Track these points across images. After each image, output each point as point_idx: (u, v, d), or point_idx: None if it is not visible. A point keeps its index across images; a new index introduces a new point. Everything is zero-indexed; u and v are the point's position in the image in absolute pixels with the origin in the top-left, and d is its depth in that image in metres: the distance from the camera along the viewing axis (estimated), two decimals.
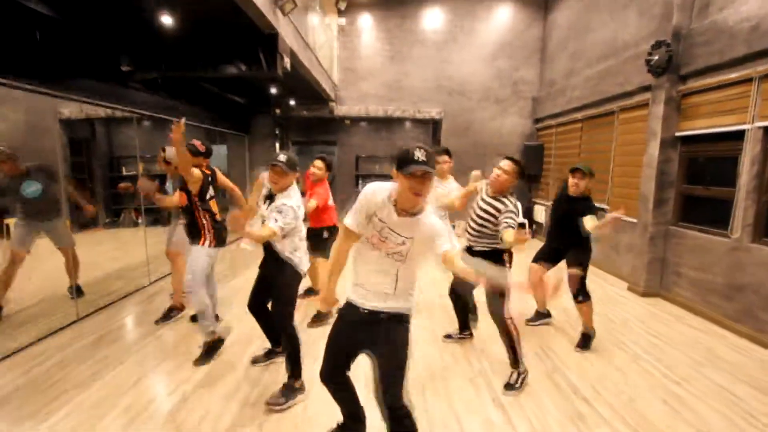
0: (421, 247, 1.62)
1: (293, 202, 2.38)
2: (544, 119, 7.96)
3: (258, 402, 2.40)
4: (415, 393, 2.53)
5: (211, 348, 2.92)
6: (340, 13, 8.13)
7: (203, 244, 2.90)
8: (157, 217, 8.18)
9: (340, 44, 8.37)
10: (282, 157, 2.35)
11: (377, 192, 1.65)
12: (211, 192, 3.03)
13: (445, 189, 3.53)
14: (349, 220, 1.70)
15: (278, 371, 2.74)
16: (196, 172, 2.83)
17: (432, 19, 8.26)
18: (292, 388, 2.41)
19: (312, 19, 6.19)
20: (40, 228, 3.67)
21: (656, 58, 4.33)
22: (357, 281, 1.73)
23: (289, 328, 2.42)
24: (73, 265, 3.85)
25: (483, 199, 2.73)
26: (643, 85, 4.79)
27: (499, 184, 2.65)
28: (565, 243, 3.25)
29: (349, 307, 1.75)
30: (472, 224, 2.74)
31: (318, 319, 3.59)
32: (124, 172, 7.83)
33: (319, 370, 1.83)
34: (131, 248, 6.10)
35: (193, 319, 3.52)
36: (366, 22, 8.32)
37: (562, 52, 7.40)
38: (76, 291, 3.89)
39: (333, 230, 3.78)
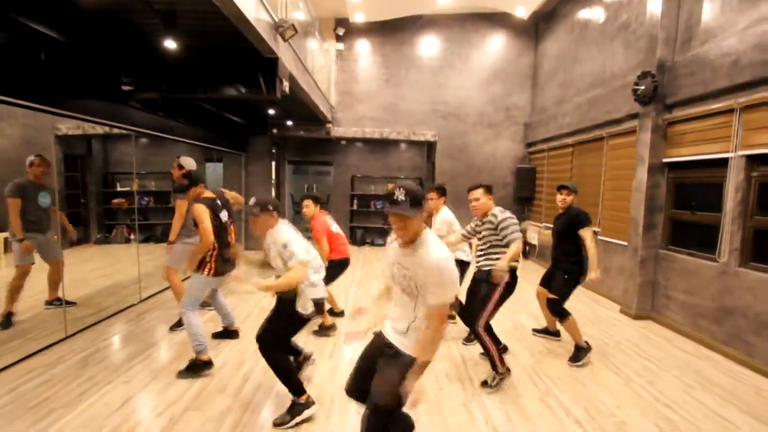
0: (425, 283, 1.64)
1: (286, 235, 2.35)
2: (536, 143, 8.15)
3: (248, 425, 2.36)
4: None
5: (196, 366, 2.90)
6: (338, 38, 8.38)
7: (203, 272, 2.94)
8: (150, 234, 8.16)
9: (338, 68, 8.59)
10: (251, 201, 2.36)
11: (393, 238, 1.85)
12: (224, 216, 3.05)
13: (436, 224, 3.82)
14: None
15: (269, 393, 2.72)
16: (196, 208, 2.84)
17: (428, 46, 8.53)
18: (296, 405, 2.40)
19: (311, 43, 6.38)
20: (35, 241, 3.70)
21: (642, 87, 4.51)
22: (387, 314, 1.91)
23: (272, 358, 2.38)
24: (59, 279, 3.85)
25: (477, 230, 3.15)
26: (630, 113, 4.96)
27: (480, 211, 3.02)
28: (559, 257, 3.48)
29: (380, 333, 1.92)
30: (480, 246, 3.09)
31: (322, 330, 3.70)
32: (119, 188, 7.83)
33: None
34: (123, 265, 6.05)
35: (172, 328, 3.75)
36: (363, 47, 8.57)
37: (552, 81, 7.65)
38: (60, 301, 3.85)
39: (345, 263, 3.88)
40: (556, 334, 3.85)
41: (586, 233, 3.28)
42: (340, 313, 4.23)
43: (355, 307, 1.97)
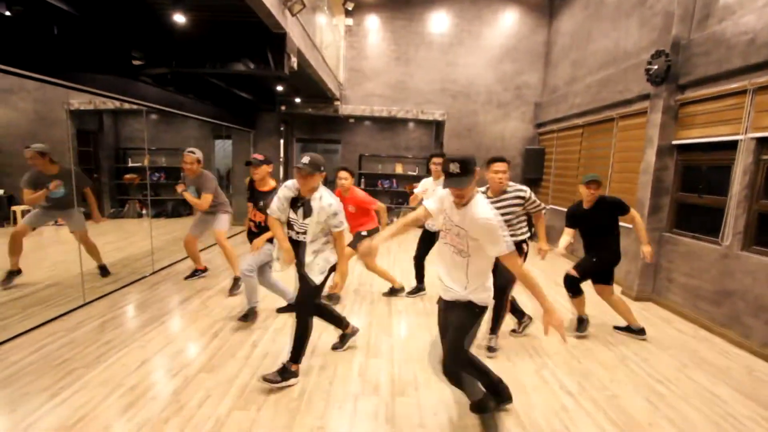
0: (477, 242, 1.87)
1: (335, 202, 2.47)
2: (546, 124, 8.05)
3: (256, 388, 2.51)
4: (407, 383, 2.64)
5: (246, 315, 3.44)
6: (347, 13, 8.24)
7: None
8: (161, 210, 8.34)
9: (347, 44, 8.48)
10: (305, 159, 2.38)
11: (442, 195, 2.03)
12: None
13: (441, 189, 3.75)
14: (430, 204, 2.09)
15: (276, 360, 2.86)
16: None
17: (438, 22, 8.36)
18: (288, 371, 2.52)
19: (319, 19, 6.30)
20: (57, 215, 4.00)
21: (656, 67, 4.42)
22: (440, 277, 2.08)
23: (308, 317, 2.58)
24: (92, 248, 4.24)
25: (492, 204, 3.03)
26: (642, 94, 4.88)
27: (502, 185, 3.00)
28: (602, 250, 3.45)
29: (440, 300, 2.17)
30: None
31: (330, 299, 3.95)
32: (131, 164, 7.96)
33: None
34: (135, 239, 6.23)
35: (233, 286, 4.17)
36: (373, 23, 8.43)
37: (565, 59, 7.49)
38: (103, 270, 4.36)
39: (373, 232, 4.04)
40: (640, 332, 3.55)
41: (634, 213, 3.39)
42: (401, 289, 4.39)
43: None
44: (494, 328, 3.17)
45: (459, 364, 2.04)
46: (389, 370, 2.80)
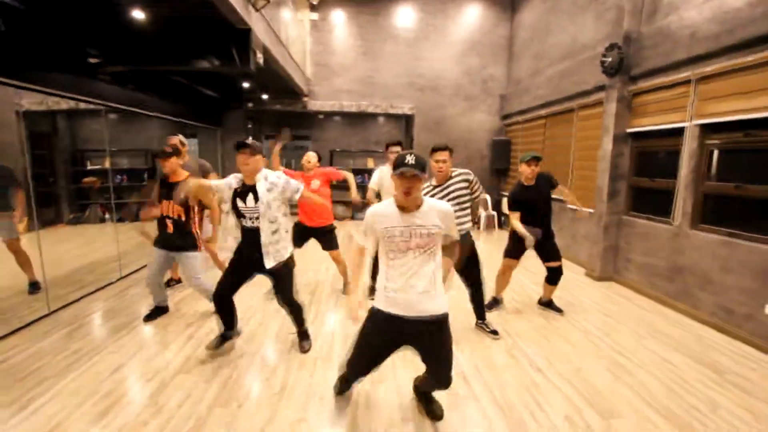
0: (440, 232, 1.89)
1: (278, 174, 2.70)
2: (511, 115, 8.30)
3: (236, 383, 2.52)
4: (385, 366, 2.71)
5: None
6: (312, 8, 8.15)
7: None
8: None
9: (313, 39, 8.41)
10: (248, 141, 2.60)
11: (375, 210, 1.93)
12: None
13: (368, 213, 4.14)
14: (362, 239, 2.01)
15: (254, 357, 2.87)
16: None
17: (404, 17, 8.42)
18: (306, 334, 3.05)
19: (284, 13, 6.23)
20: None
21: (609, 59, 4.66)
22: (395, 288, 1.89)
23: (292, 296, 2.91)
24: (24, 260, 3.82)
25: (437, 193, 3.05)
26: (598, 85, 5.14)
27: (445, 174, 3.04)
28: (546, 224, 3.62)
29: (387, 315, 1.93)
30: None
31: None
32: (90, 166, 7.61)
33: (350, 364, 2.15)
34: (98, 244, 5.99)
35: None
36: (338, 17, 8.39)
37: (527, 52, 7.73)
38: (33, 287, 3.84)
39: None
40: (559, 310, 3.82)
41: (563, 187, 3.68)
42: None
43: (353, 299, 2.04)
44: (483, 313, 3.39)
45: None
46: None
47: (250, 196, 2.59)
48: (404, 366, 2.74)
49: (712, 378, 2.71)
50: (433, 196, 3.00)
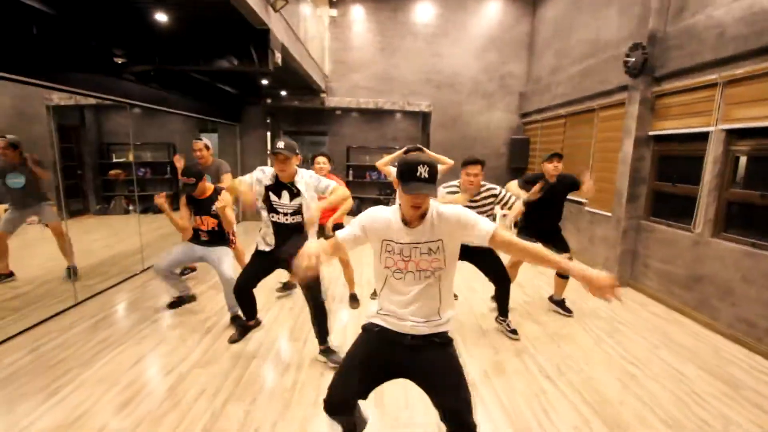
0: (457, 242, 1.55)
1: (315, 174, 2.73)
2: (530, 114, 8.16)
3: (251, 380, 2.61)
4: None
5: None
6: (331, 4, 8.17)
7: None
8: (149, 205, 8.29)
9: (332, 36, 8.43)
10: (281, 144, 2.50)
11: (378, 214, 1.60)
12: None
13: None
14: (344, 233, 1.63)
15: (269, 352, 2.96)
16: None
17: (423, 12, 8.35)
18: (329, 349, 2.85)
19: (303, 10, 6.26)
20: (28, 213, 4.00)
21: (633, 59, 4.54)
22: (390, 312, 1.63)
23: (320, 296, 2.78)
24: (66, 244, 4.07)
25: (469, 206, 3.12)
26: (621, 85, 5.00)
27: (475, 186, 3.13)
28: (555, 222, 3.74)
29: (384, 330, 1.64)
30: None
31: (284, 288, 4.10)
32: (115, 159, 7.88)
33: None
34: (123, 235, 6.21)
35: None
36: (357, 13, 8.38)
37: (548, 49, 7.57)
38: (72, 272, 4.06)
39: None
40: (569, 311, 3.83)
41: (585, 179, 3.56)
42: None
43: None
44: (506, 311, 3.40)
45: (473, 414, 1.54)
46: None
47: (285, 193, 2.64)
48: None
49: (726, 393, 2.66)
50: None
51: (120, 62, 4.15)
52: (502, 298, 3.38)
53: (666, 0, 4.37)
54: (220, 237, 3.41)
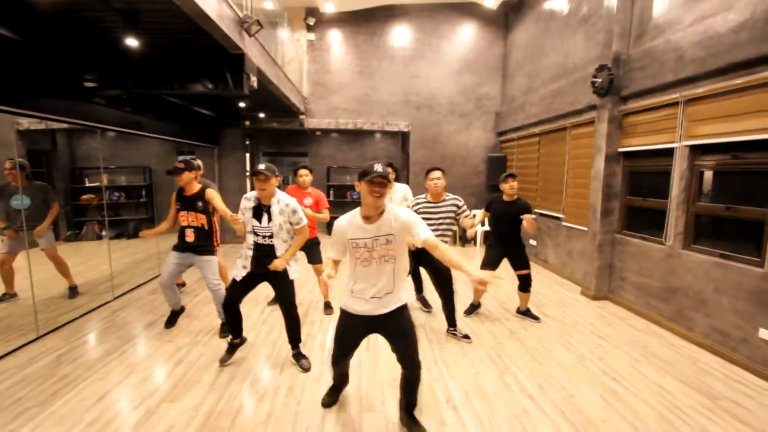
0: (403, 239, 2.04)
1: (293, 201, 2.86)
2: (506, 132, 8.37)
3: (222, 414, 2.48)
4: (374, 395, 2.68)
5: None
6: (309, 28, 8.31)
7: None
8: (122, 231, 8.04)
9: (310, 58, 8.54)
10: (262, 165, 2.72)
11: (342, 223, 2.08)
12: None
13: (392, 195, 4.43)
14: (331, 253, 2.16)
15: (242, 382, 2.84)
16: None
17: (399, 37, 8.56)
18: (300, 354, 3.10)
19: (281, 34, 6.34)
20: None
21: (600, 80, 4.72)
22: (361, 295, 2.13)
23: (294, 309, 3.04)
24: (63, 266, 4.31)
25: (431, 208, 3.61)
26: (590, 104, 5.19)
27: (440, 190, 3.57)
28: (515, 238, 3.97)
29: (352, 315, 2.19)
30: (431, 224, 3.49)
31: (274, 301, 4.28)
32: (87, 184, 7.65)
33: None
34: (95, 262, 5.98)
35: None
36: (335, 37, 8.53)
37: (520, 71, 7.84)
38: (72, 291, 4.40)
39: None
40: (536, 318, 4.15)
41: (529, 216, 3.74)
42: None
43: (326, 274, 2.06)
44: (453, 321, 3.65)
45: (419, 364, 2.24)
46: (356, 386, 2.84)
47: (265, 216, 2.82)
48: (393, 394, 2.71)
49: (705, 405, 2.67)
50: (427, 210, 3.59)
51: (91, 86, 4.08)
52: (447, 308, 3.64)
53: (627, 26, 4.61)
54: (207, 236, 3.47)
